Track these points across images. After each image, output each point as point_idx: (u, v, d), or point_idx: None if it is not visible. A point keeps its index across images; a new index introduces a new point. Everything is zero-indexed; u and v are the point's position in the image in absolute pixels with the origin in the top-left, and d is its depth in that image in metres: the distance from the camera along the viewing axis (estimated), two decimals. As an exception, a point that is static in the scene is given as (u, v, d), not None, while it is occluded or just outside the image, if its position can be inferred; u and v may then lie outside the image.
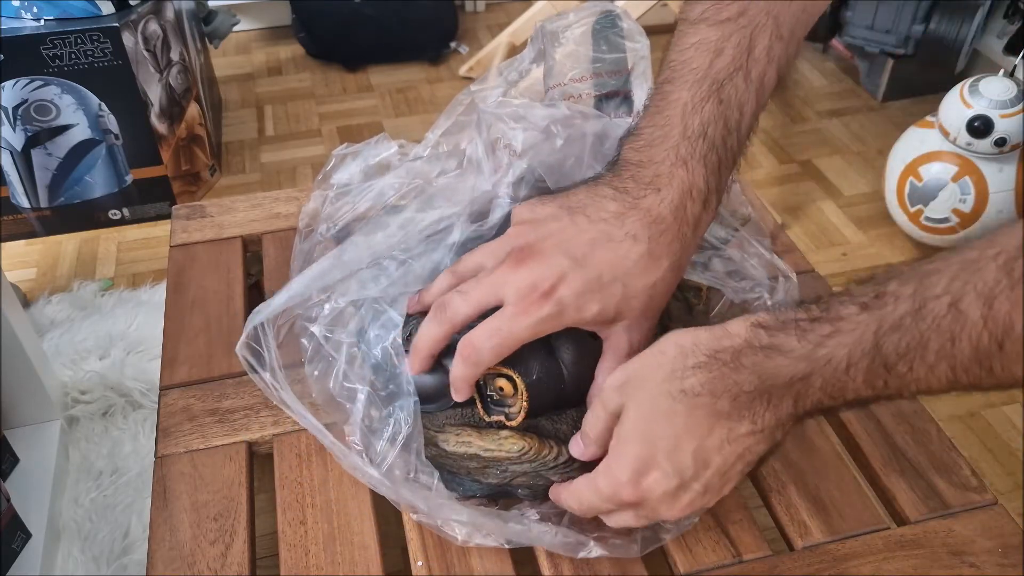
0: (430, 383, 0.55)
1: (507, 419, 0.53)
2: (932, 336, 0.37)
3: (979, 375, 0.37)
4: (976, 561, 0.54)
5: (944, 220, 1.42)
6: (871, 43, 1.76)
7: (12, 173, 1.48)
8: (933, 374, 0.38)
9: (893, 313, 0.38)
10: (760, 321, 0.43)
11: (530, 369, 0.52)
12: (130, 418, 1.19)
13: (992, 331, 0.35)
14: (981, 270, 0.36)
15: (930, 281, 0.37)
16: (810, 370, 0.41)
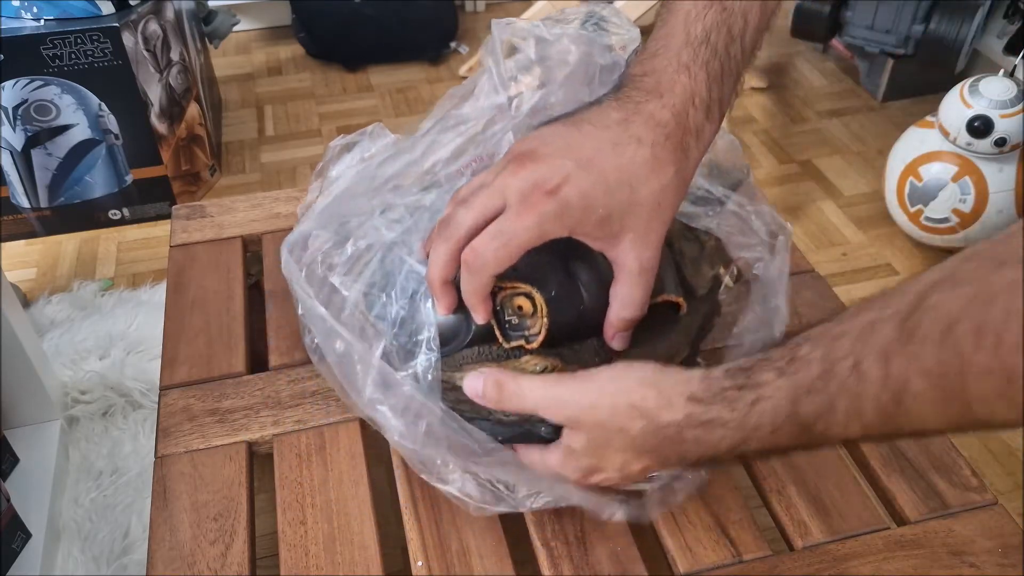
0: (444, 323, 0.53)
1: (527, 342, 0.52)
2: (840, 397, 0.38)
3: (888, 431, 0.38)
4: (976, 561, 0.54)
5: (944, 220, 1.42)
6: (871, 43, 1.76)
7: (12, 173, 1.48)
8: (846, 431, 0.39)
9: (805, 378, 0.40)
10: (694, 394, 0.44)
11: (548, 286, 0.51)
12: (130, 418, 1.19)
13: (891, 389, 0.36)
14: (878, 330, 0.37)
15: (837, 344, 0.39)
16: (745, 437, 0.43)
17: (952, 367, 0.33)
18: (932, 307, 0.35)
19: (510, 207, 0.48)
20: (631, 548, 0.55)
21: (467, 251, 0.48)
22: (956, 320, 0.33)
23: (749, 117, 1.87)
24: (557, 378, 0.49)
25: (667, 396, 0.45)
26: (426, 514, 0.57)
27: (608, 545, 0.55)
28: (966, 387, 0.33)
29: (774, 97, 1.94)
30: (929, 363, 0.34)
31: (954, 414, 0.35)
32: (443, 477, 0.53)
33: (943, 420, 0.36)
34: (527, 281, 0.51)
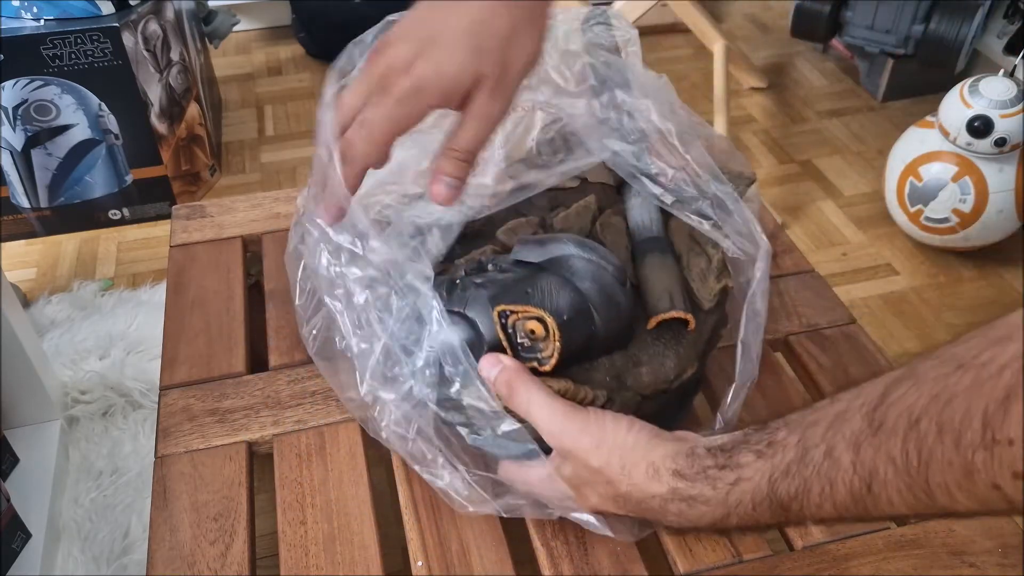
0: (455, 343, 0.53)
1: (539, 364, 0.52)
2: (814, 481, 0.41)
3: (858, 513, 0.40)
4: (976, 561, 0.54)
5: (944, 220, 1.42)
6: (871, 43, 1.76)
7: (12, 173, 1.48)
8: (820, 511, 0.41)
9: (782, 461, 0.42)
10: (679, 471, 0.46)
11: (560, 310, 0.52)
12: (130, 418, 1.19)
13: (861, 475, 0.39)
14: (848, 420, 0.39)
15: (812, 431, 0.41)
16: (727, 513, 0.45)
17: (916, 457, 0.36)
18: (896, 402, 0.37)
19: (371, 96, 0.48)
20: (631, 548, 0.55)
21: (341, 143, 0.48)
22: (919, 417, 0.36)
23: (749, 117, 1.87)
24: (565, 410, 0.50)
25: (655, 468, 0.47)
26: (426, 514, 0.57)
27: (608, 545, 0.55)
28: (929, 476, 0.35)
29: (774, 97, 1.94)
30: (895, 452, 0.37)
31: (919, 500, 0.37)
32: (433, 472, 0.54)
33: (909, 505, 0.38)
34: (539, 306, 0.52)
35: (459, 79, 0.47)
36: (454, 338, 0.51)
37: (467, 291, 0.54)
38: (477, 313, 0.53)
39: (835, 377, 0.67)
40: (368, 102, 0.48)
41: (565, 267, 0.54)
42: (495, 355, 0.51)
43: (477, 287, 0.54)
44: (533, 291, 0.52)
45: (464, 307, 0.53)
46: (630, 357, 0.55)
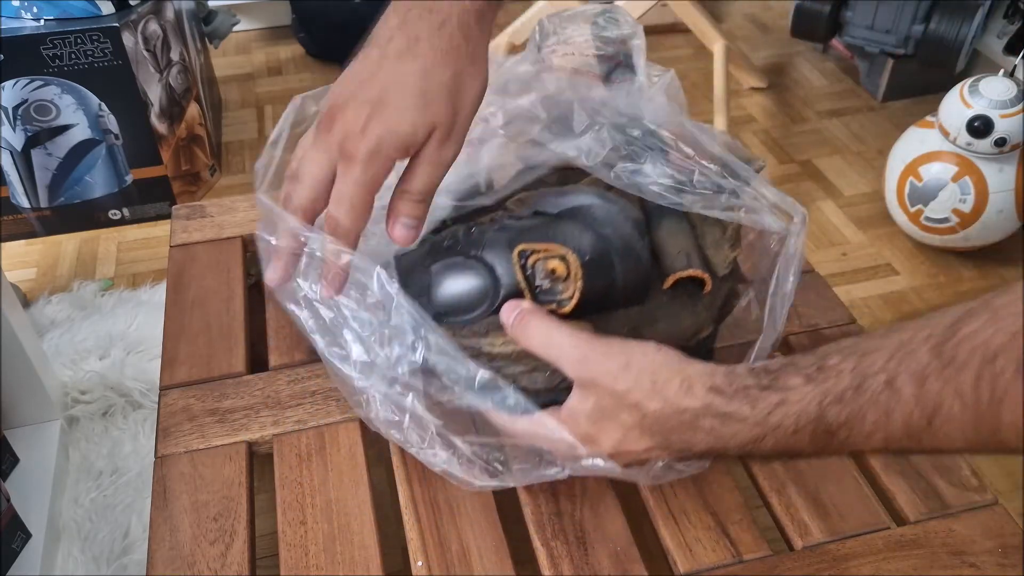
0: (472, 290, 0.53)
1: (559, 306, 0.51)
2: (869, 410, 0.40)
3: (908, 445, 0.40)
4: (976, 561, 0.54)
5: (944, 220, 1.42)
6: (871, 43, 1.76)
7: (12, 173, 1.48)
8: (869, 441, 0.41)
9: (836, 387, 0.42)
10: (717, 385, 0.45)
11: (583, 251, 0.51)
12: (130, 418, 1.18)
13: (923, 408, 0.38)
14: (914, 351, 0.39)
15: (869, 359, 0.41)
16: (763, 434, 0.44)
17: (988, 394, 0.36)
18: (969, 336, 0.37)
19: (334, 165, 0.49)
20: (631, 548, 0.55)
21: (327, 224, 0.49)
22: (996, 354, 0.36)
23: (749, 117, 1.87)
24: (587, 337, 0.49)
25: (689, 383, 0.46)
26: (426, 514, 0.57)
27: (608, 545, 0.55)
28: (999, 414, 0.36)
29: (774, 97, 1.94)
30: (965, 388, 0.37)
31: (980, 437, 0.37)
32: (430, 453, 0.54)
33: (967, 441, 0.38)
34: (562, 244, 0.51)
35: (414, 134, 0.48)
36: (403, 312, 0.49)
37: (484, 235, 0.53)
38: (495, 256, 0.52)
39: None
40: (336, 172, 0.49)
41: (586, 215, 0.54)
42: (514, 301, 0.51)
43: (496, 232, 0.53)
44: (554, 234, 0.51)
45: (481, 250, 0.52)
46: (647, 313, 0.55)
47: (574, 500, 0.58)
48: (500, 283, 0.52)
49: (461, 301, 0.53)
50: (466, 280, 0.53)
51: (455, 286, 0.54)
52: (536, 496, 0.58)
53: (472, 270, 0.53)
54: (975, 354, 0.36)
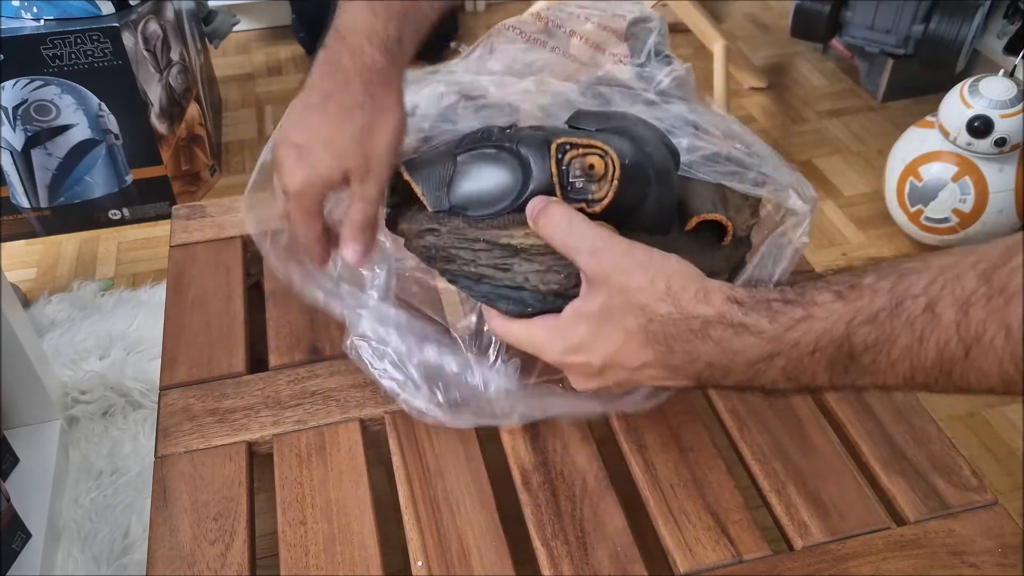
0: (500, 182, 0.52)
1: (588, 205, 0.50)
2: (902, 333, 0.38)
3: (936, 377, 0.38)
4: (976, 561, 0.54)
5: (944, 220, 1.42)
6: (871, 43, 1.76)
7: (12, 173, 1.48)
8: (893, 369, 0.39)
9: (869, 306, 0.39)
10: (736, 296, 0.43)
11: (623, 153, 0.50)
12: (130, 418, 1.18)
13: (963, 337, 0.36)
14: (960, 276, 0.37)
15: (908, 280, 0.39)
16: (776, 351, 0.42)
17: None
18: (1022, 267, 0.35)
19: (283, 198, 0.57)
20: (631, 548, 0.55)
21: (300, 249, 0.59)
22: None
23: (749, 117, 1.87)
24: (610, 232, 0.48)
25: (707, 291, 0.44)
26: (426, 514, 0.57)
27: (608, 545, 0.55)
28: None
29: (774, 97, 1.94)
30: (1012, 319, 0.35)
31: (1019, 373, 0.35)
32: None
33: (1004, 379, 0.36)
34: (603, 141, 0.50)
35: (330, 178, 0.55)
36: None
37: (521, 132, 0.52)
38: (529, 149, 0.51)
39: (835, 377, 0.67)
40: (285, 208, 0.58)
41: (627, 132, 0.53)
42: (542, 196, 0.50)
43: (533, 129, 0.52)
44: (594, 136, 0.51)
45: (517, 143, 0.51)
46: (666, 245, 0.53)
47: (574, 500, 0.58)
48: (531, 177, 0.51)
49: (486, 193, 0.52)
50: (495, 171, 0.52)
51: (483, 177, 0.53)
52: (536, 496, 0.58)
53: (503, 162, 0.52)
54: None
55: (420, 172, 0.56)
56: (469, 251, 0.53)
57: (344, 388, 0.66)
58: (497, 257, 0.52)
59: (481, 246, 0.53)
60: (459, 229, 0.53)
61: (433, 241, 0.55)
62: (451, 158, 0.55)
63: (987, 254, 0.37)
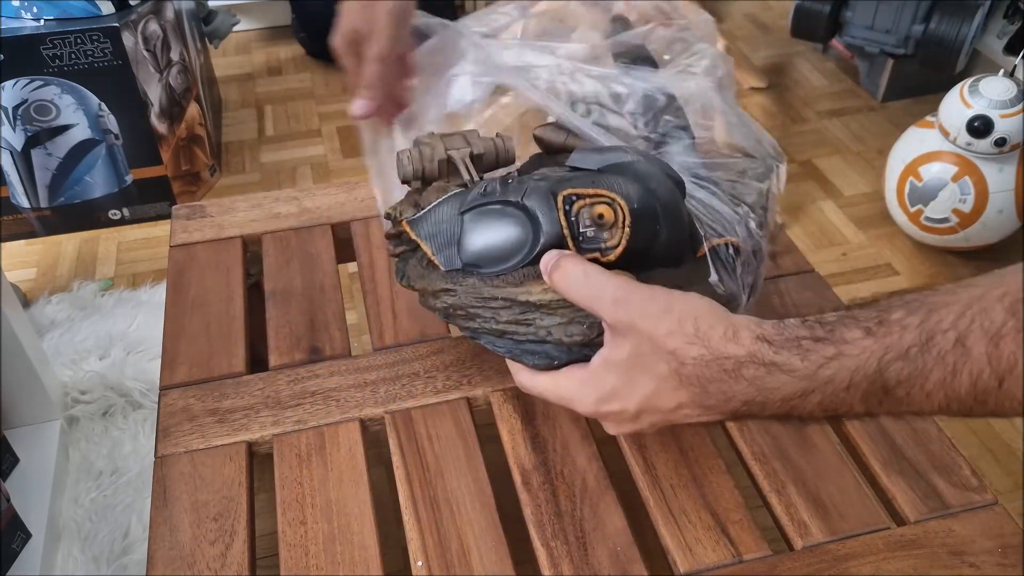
0: (509, 238, 0.51)
1: (602, 254, 0.50)
2: (935, 368, 0.39)
3: (971, 406, 0.39)
4: (976, 561, 0.54)
5: (944, 220, 1.42)
6: (871, 43, 1.76)
7: (12, 173, 1.48)
8: (929, 400, 0.40)
9: (900, 342, 0.40)
10: (765, 335, 0.43)
11: (631, 198, 0.49)
12: (130, 418, 1.18)
13: (995, 368, 0.37)
14: (988, 310, 0.38)
15: (938, 315, 0.39)
16: (811, 388, 0.42)
17: None
18: None
19: None
20: (631, 548, 0.55)
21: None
22: None
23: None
24: (628, 279, 0.48)
25: (735, 330, 0.44)
26: (426, 514, 0.57)
27: (608, 545, 0.55)
28: None
29: (774, 97, 1.94)
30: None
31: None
32: None
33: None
34: (609, 189, 0.49)
35: (344, 36, 0.66)
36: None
37: (525, 184, 0.51)
38: (536, 202, 0.50)
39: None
40: None
41: (629, 170, 0.52)
42: (555, 251, 0.50)
43: (536, 181, 0.51)
44: (599, 183, 0.50)
45: (522, 196, 0.51)
46: (682, 277, 0.53)
47: (574, 500, 0.58)
48: (541, 231, 0.50)
49: (497, 250, 0.52)
50: (503, 228, 0.52)
51: (491, 235, 0.52)
52: (536, 496, 0.58)
53: (510, 217, 0.51)
54: None
55: (426, 230, 0.55)
56: (488, 309, 0.53)
57: (344, 388, 0.66)
58: (517, 313, 0.52)
59: (499, 303, 0.52)
60: (475, 287, 0.53)
61: (451, 301, 0.54)
62: (457, 217, 0.54)
63: (1012, 284, 0.38)
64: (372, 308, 0.72)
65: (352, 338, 0.71)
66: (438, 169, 0.61)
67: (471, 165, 0.60)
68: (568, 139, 0.65)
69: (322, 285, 0.75)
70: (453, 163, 0.60)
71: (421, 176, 0.61)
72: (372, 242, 0.80)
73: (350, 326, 0.72)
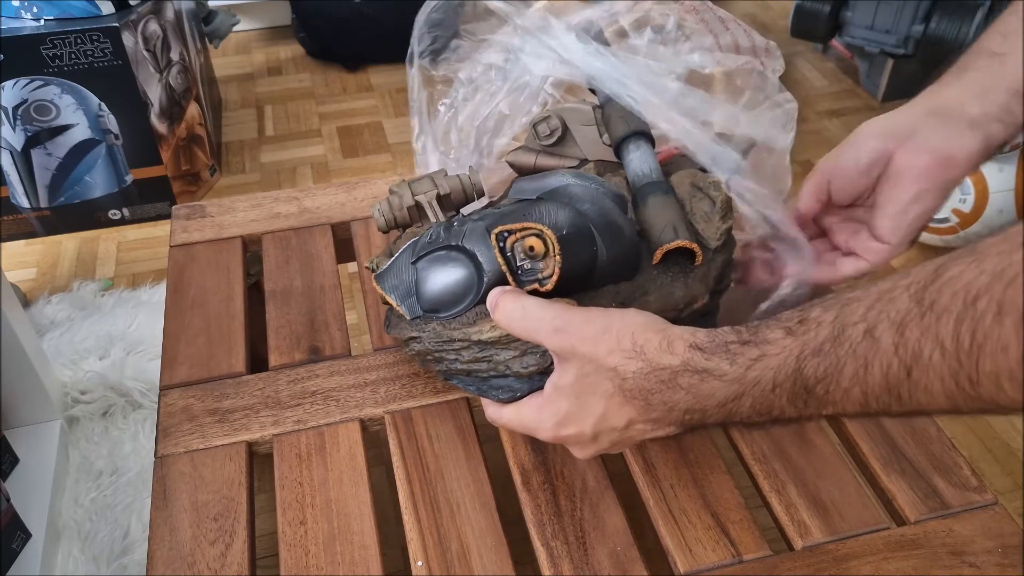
0: (457, 281, 0.53)
1: (540, 285, 0.51)
2: (848, 361, 0.39)
3: (888, 402, 0.38)
4: (976, 561, 0.54)
5: (944, 220, 1.42)
6: (871, 43, 1.76)
7: (12, 173, 1.48)
8: (847, 397, 0.40)
9: (815, 339, 0.40)
10: (697, 342, 0.45)
11: (559, 225, 0.51)
12: (130, 418, 1.19)
13: (902, 358, 0.37)
14: (895, 299, 0.37)
15: (849, 309, 0.39)
16: (741, 391, 0.43)
17: (969, 340, 0.34)
18: (952, 280, 0.35)
19: None
20: (631, 548, 0.55)
21: None
22: (977, 296, 0.34)
23: (749, 117, 1.87)
24: (564, 306, 0.49)
25: (670, 340, 0.45)
26: (426, 514, 0.57)
27: (608, 545, 0.55)
28: (979, 362, 0.34)
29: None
30: (945, 334, 0.35)
31: (961, 390, 0.35)
32: None
33: (948, 395, 0.36)
34: (536, 221, 0.51)
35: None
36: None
37: (464, 226, 0.54)
38: (475, 243, 0.52)
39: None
40: None
41: (564, 194, 0.54)
42: (497, 288, 0.51)
43: (474, 221, 0.54)
44: (530, 214, 0.52)
45: (461, 239, 0.53)
46: (637, 287, 0.55)
47: (574, 500, 0.58)
48: (483, 270, 0.53)
49: (448, 294, 0.54)
50: (451, 272, 0.54)
51: (441, 280, 0.55)
52: (536, 496, 0.58)
53: (455, 261, 0.53)
54: (956, 298, 0.34)
55: (389, 283, 0.59)
56: (451, 351, 0.56)
57: (344, 388, 0.66)
58: (477, 352, 0.54)
59: (459, 344, 0.55)
60: (436, 332, 0.56)
61: (419, 347, 0.58)
62: (411, 267, 0.57)
63: (919, 274, 0.37)
64: (372, 308, 0.72)
65: (352, 338, 0.71)
66: (409, 215, 0.64)
67: (437, 207, 0.63)
68: (538, 160, 0.67)
69: (322, 285, 0.75)
70: (421, 207, 0.63)
71: (395, 224, 0.64)
72: (372, 242, 0.80)
73: (350, 326, 0.72)
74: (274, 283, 0.75)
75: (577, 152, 0.67)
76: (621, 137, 0.61)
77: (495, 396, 0.55)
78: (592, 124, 0.65)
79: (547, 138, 0.66)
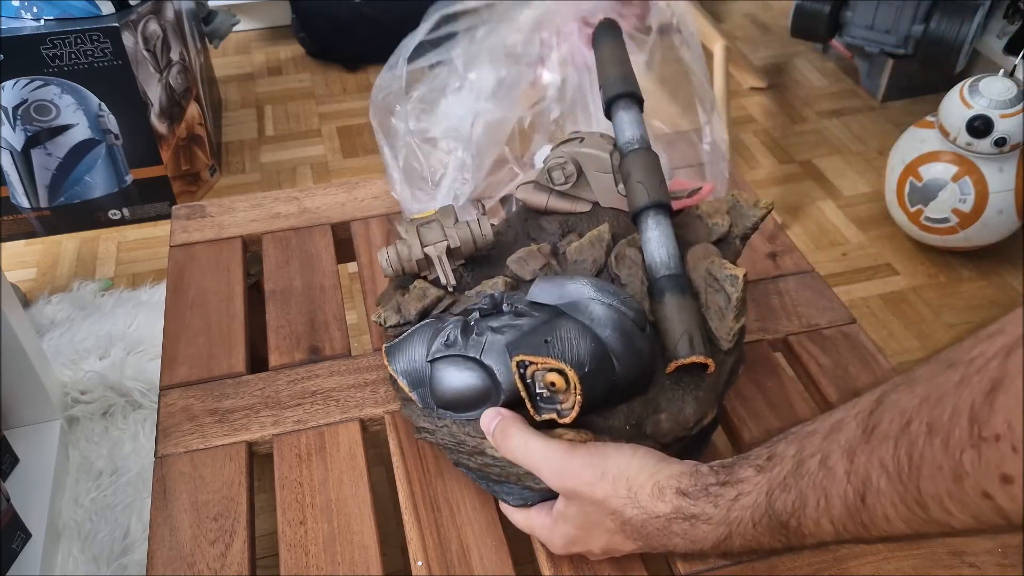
0: (473, 388, 0.54)
1: (559, 416, 0.51)
2: (810, 493, 0.40)
3: (856, 530, 0.39)
4: (976, 561, 0.54)
5: (944, 220, 1.42)
6: (871, 43, 1.76)
7: (12, 173, 1.48)
8: (819, 528, 0.40)
9: (779, 474, 0.41)
10: (683, 488, 0.46)
11: (581, 361, 0.51)
12: (130, 418, 1.18)
13: (855, 485, 0.37)
14: (844, 427, 0.38)
15: (808, 441, 0.40)
16: (728, 531, 0.44)
17: (907, 463, 0.34)
18: (891, 405, 0.36)
19: None
20: (631, 548, 0.55)
21: None
22: (910, 419, 0.34)
23: (749, 117, 1.87)
24: (564, 447, 0.50)
25: (660, 488, 0.47)
26: (426, 514, 0.57)
27: (608, 545, 0.55)
28: (920, 484, 0.34)
29: (774, 97, 1.94)
30: (887, 458, 0.35)
31: (913, 514, 0.35)
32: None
33: (905, 519, 0.36)
34: (559, 357, 0.51)
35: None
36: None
37: (483, 336, 0.53)
38: (494, 360, 0.52)
39: (835, 377, 0.67)
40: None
41: (584, 312, 0.53)
42: (493, 409, 0.53)
43: (493, 332, 0.53)
44: (552, 339, 0.51)
45: (480, 353, 0.53)
46: (649, 402, 0.55)
47: (574, 500, 0.58)
48: (500, 387, 0.53)
49: (463, 399, 0.54)
50: (467, 378, 0.54)
51: (457, 384, 0.54)
52: (536, 496, 0.58)
53: (472, 371, 0.53)
54: (894, 423, 0.35)
55: (400, 365, 0.58)
56: (463, 453, 0.56)
57: (344, 388, 0.66)
58: (489, 460, 0.54)
59: (470, 449, 0.55)
60: (451, 431, 0.56)
61: (430, 439, 0.58)
62: (425, 363, 0.56)
63: (865, 402, 0.38)
64: (372, 308, 0.72)
65: (352, 338, 0.71)
66: (417, 267, 0.65)
67: (447, 264, 0.64)
68: (550, 202, 0.67)
69: (322, 285, 0.75)
70: (431, 260, 0.64)
71: (402, 274, 0.65)
72: (372, 242, 0.80)
73: (350, 326, 0.72)
74: (274, 283, 0.75)
75: (590, 196, 0.67)
76: (639, 208, 0.61)
77: (505, 498, 0.56)
78: (608, 172, 0.65)
79: (562, 185, 0.66)
